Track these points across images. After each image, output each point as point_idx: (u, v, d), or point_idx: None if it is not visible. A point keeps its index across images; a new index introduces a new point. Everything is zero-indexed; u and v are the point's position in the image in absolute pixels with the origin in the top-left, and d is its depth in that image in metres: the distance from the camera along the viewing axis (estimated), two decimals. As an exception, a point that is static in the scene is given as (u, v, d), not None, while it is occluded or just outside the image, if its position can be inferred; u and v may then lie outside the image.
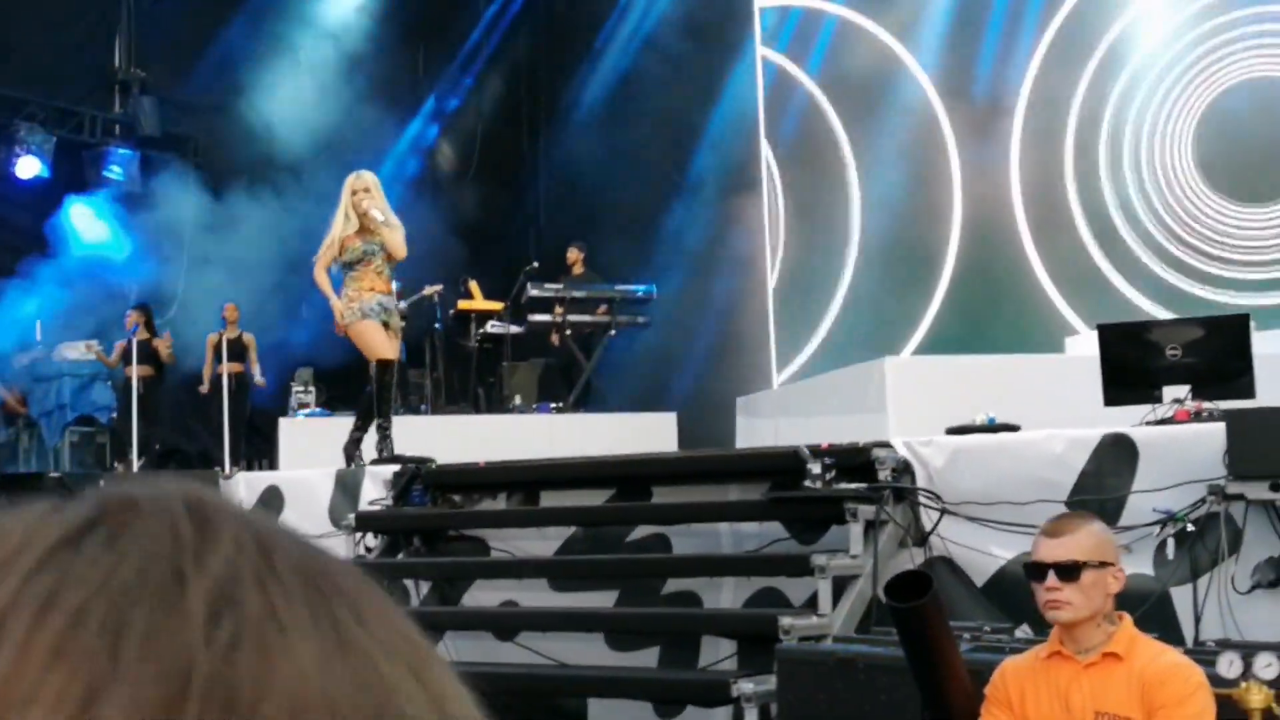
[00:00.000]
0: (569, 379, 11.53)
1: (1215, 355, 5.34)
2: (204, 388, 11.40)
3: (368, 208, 7.78)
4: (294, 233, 13.76)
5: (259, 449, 11.48)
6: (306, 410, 10.66)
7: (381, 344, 7.85)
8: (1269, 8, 10.13)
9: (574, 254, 12.18)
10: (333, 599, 0.45)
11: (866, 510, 5.30)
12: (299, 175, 13.95)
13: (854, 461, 5.54)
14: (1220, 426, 4.70)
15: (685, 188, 14.17)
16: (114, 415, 12.18)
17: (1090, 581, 3.09)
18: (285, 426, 10.08)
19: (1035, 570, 3.15)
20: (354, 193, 7.86)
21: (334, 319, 8.00)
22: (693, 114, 13.99)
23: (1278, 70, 10.06)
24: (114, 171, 13.65)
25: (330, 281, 7.95)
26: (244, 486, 7.74)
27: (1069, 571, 3.09)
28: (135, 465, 10.01)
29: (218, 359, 11.06)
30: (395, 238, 7.88)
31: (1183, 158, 10.43)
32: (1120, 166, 10.91)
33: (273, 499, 7.57)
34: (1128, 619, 3.18)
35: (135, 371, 10.71)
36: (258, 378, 11.61)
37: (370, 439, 7.97)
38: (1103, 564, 3.12)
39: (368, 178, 7.97)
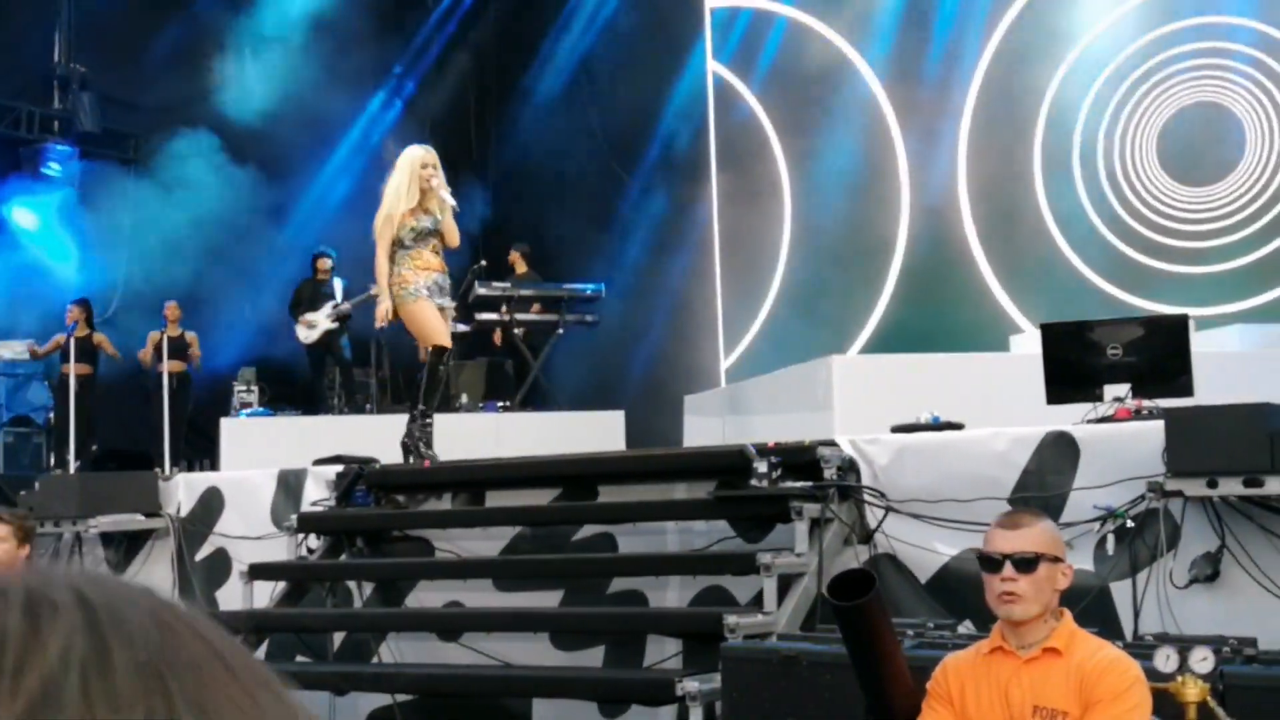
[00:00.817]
0: (517, 378, 11.48)
1: (1155, 354, 5.41)
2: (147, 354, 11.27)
3: (438, 186, 7.33)
4: (238, 230, 13.65)
5: (200, 449, 11.33)
6: (249, 410, 10.53)
7: (437, 328, 7.40)
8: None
9: (514, 255, 12.18)
10: (176, 696, 0.44)
11: (812, 508, 5.31)
12: (245, 171, 13.81)
13: (800, 460, 5.55)
14: (1159, 424, 4.75)
15: (635, 183, 14.17)
16: (50, 415, 11.97)
17: (1044, 575, 3.11)
18: (227, 426, 9.95)
19: (990, 562, 3.15)
20: (424, 166, 7.36)
21: (376, 305, 7.55)
22: (644, 109, 13.99)
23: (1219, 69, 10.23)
24: (52, 168, 13.44)
25: (389, 264, 7.38)
26: (184, 488, 7.62)
27: (1026, 564, 3.10)
28: (72, 466, 9.83)
29: (158, 357, 10.91)
30: (453, 223, 7.47)
31: (1138, 147, 10.59)
32: (1070, 161, 11.03)
33: (213, 500, 7.47)
34: (1068, 615, 3.20)
35: (73, 369, 10.52)
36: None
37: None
38: (1056, 559, 3.14)
39: (434, 153, 7.53)
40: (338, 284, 11.72)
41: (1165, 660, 3.86)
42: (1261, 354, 7.39)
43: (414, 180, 7.34)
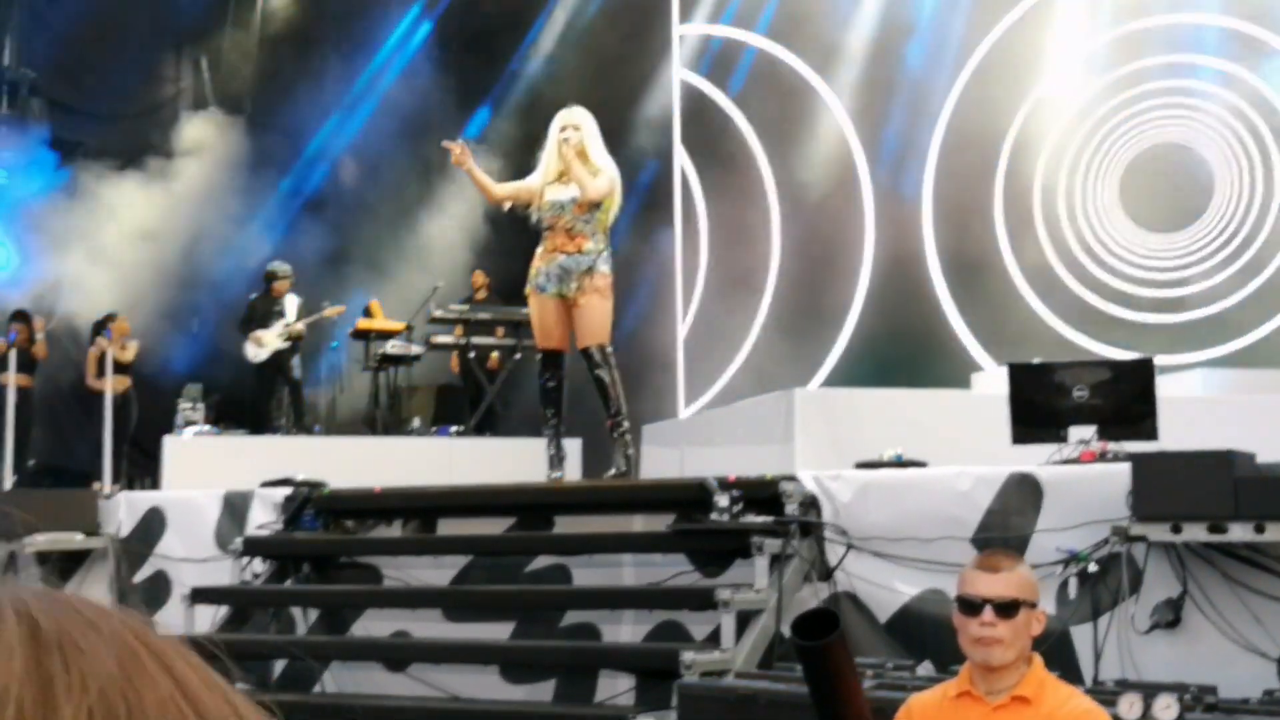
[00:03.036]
0: (472, 403, 11.36)
1: (1121, 397, 5.39)
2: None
3: (569, 149, 6.57)
4: (188, 243, 13.46)
5: (142, 467, 11.10)
6: (194, 428, 10.32)
7: (537, 328, 6.80)
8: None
9: (479, 278, 12.06)
10: None
11: (772, 544, 5.23)
12: (196, 182, 13.64)
13: (761, 494, 5.48)
14: (1124, 467, 4.73)
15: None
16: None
17: (1023, 621, 3.04)
18: (170, 445, 9.74)
19: (969, 605, 3.06)
20: (562, 128, 6.68)
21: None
22: (610, 132, 13.93)
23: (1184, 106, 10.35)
24: (-2, 175, 13.23)
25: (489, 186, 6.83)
26: (125, 507, 7.44)
27: (1007, 609, 3.02)
28: (8, 483, 9.58)
29: (100, 372, 10.69)
30: (588, 176, 6.56)
31: (1100, 190, 10.69)
32: (1031, 201, 11.10)
33: (154, 520, 7.30)
34: (1038, 660, 3.13)
35: (12, 381, 10.28)
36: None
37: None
38: (1033, 605, 3.08)
39: (579, 113, 6.79)
40: (291, 301, 11.54)
41: (1129, 707, 3.83)
42: (1224, 400, 7.44)
43: (552, 149, 6.71)
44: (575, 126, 6.75)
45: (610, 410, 6.81)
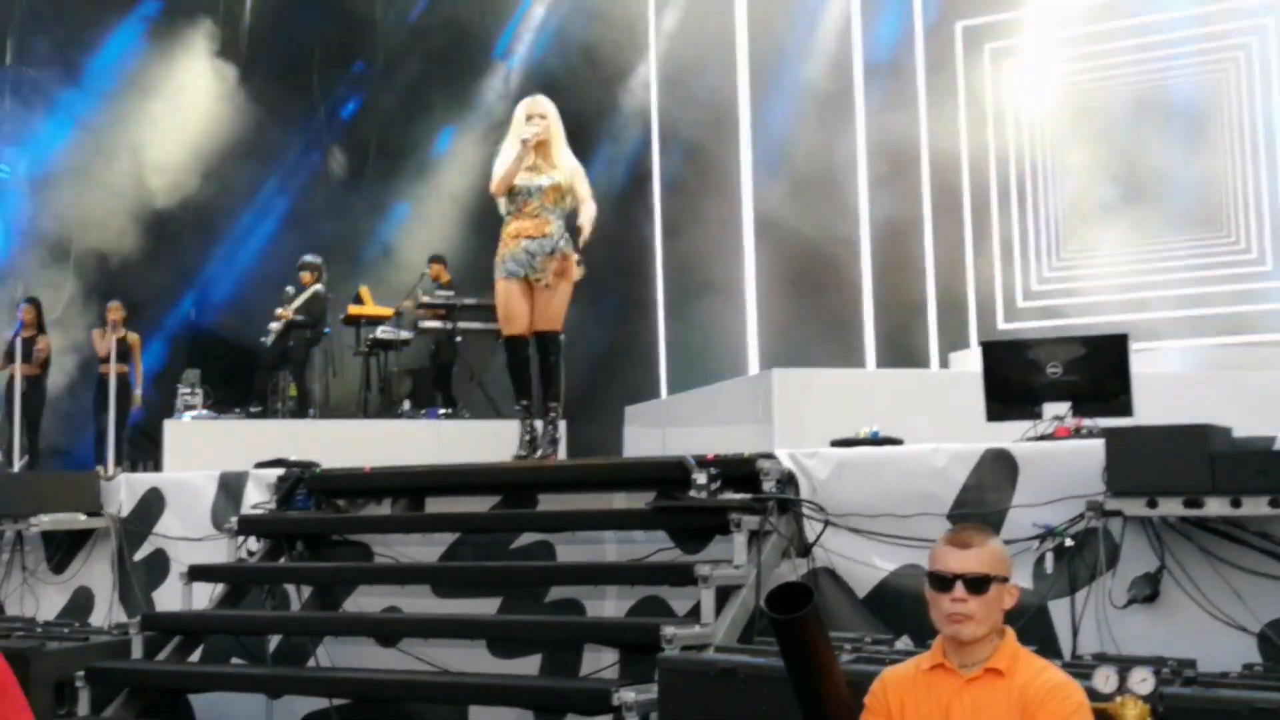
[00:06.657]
0: (455, 385, 11.45)
1: (1095, 373, 5.40)
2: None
3: (532, 139, 6.65)
4: (185, 230, 13.51)
5: (143, 450, 11.22)
6: (193, 412, 10.43)
7: (502, 314, 6.83)
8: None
9: (436, 268, 12.07)
10: None
11: (751, 521, 5.28)
12: (194, 176, 13.70)
13: (739, 472, 5.52)
14: (1099, 443, 4.75)
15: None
16: (-5, 415, 11.78)
17: (994, 596, 3.07)
18: (170, 429, 9.87)
19: (941, 581, 3.10)
20: (528, 118, 6.76)
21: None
22: (595, 100, 13.92)
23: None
24: (1, 170, 13.34)
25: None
26: (125, 488, 7.53)
27: (978, 584, 3.06)
28: (16, 466, 9.72)
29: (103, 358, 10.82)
30: (587, 201, 6.73)
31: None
32: (1022, 180, 11.11)
33: (154, 501, 7.38)
34: (1011, 634, 3.16)
35: (19, 370, 10.37)
36: (136, 391, 11.31)
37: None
38: (1004, 579, 3.12)
39: (544, 102, 6.87)
40: (306, 291, 11.64)
41: (1105, 681, 3.85)
42: (1200, 376, 7.47)
43: (514, 136, 6.78)
44: (541, 115, 6.83)
45: (550, 395, 7.00)
